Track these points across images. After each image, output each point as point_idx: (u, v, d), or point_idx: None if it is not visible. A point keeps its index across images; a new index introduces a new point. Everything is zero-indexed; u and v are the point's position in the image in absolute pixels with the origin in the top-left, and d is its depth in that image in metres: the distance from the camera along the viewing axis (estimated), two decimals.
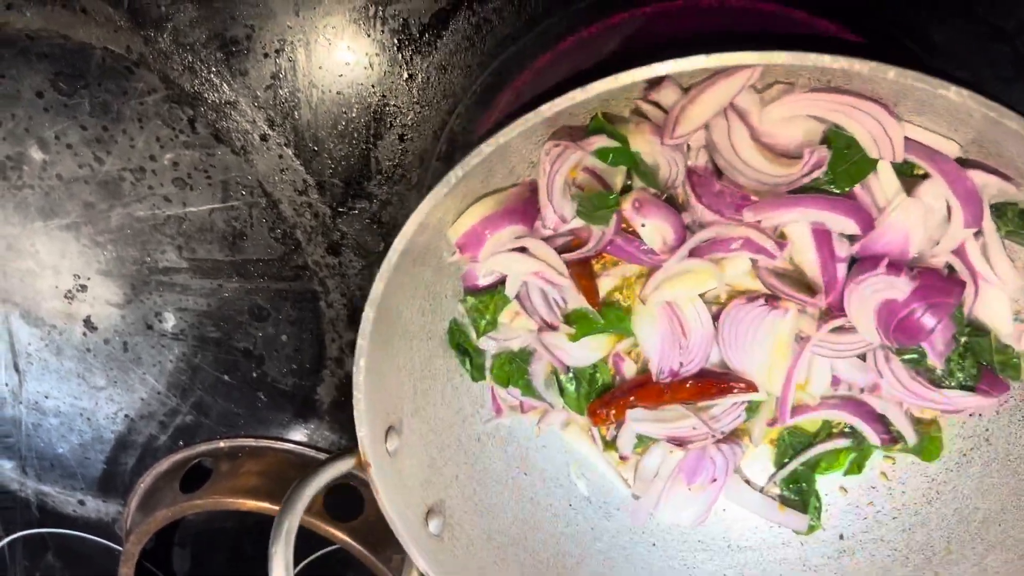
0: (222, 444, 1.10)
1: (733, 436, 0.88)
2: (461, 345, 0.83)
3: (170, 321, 1.03)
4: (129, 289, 1.01)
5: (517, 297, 0.81)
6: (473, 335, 0.83)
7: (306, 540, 1.15)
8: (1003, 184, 0.71)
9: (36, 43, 0.89)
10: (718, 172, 0.75)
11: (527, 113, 0.57)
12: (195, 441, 1.11)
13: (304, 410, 1.06)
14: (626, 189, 0.77)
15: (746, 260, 0.78)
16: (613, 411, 0.84)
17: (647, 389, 0.83)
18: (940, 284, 0.75)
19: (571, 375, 0.86)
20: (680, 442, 0.86)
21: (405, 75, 0.85)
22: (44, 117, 0.92)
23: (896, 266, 0.74)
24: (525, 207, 0.76)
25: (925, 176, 0.73)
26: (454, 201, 0.71)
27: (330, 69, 0.85)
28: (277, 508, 1.03)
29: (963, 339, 0.80)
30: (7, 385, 1.12)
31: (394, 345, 0.73)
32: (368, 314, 0.64)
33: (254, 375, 1.04)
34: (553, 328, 0.81)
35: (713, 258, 0.77)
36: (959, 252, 0.75)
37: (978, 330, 0.80)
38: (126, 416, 1.11)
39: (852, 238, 0.76)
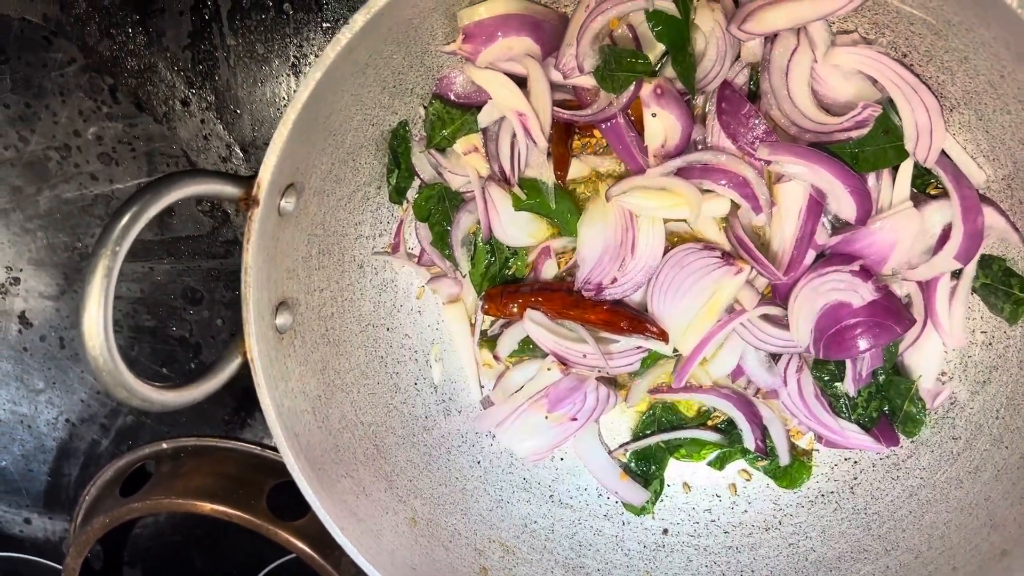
0: (165, 445, 1.04)
1: (612, 384, 0.82)
2: (397, 153, 0.77)
3: None
4: (62, 279, 0.97)
5: (484, 131, 0.75)
6: (415, 148, 0.77)
7: (257, 551, 1.08)
8: (1008, 232, 0.69)
9: None
10: (750, 97, 0.71)
11: None
12: (138, 443, 1.05)
13: (246, 403, 1.00)
14: None
15: (726, 204, 0.73)
16: (515, 304, 0.77)
17: (558, 295, 0.77)
18: (895, 309, 0.72)
19: (489, 246, 0.79)
20: (565, 363, 0.79)
21: (322, 22, 0.81)
22: None
23: (867, 272, 0.71)
24: (547, 33, 0.71)
25: (935, 197, 0.71)
26: None
27: (245, 22, 0.82)
28: (219, 508, 0.97)
29: (881, 377, 0.77)
30: None
31: (334, 108, 0.66)
32: (327, 54, 0.58)
33: (192, 366, 0.99)
34: (504, 183, 0.75)
35: (699, 186, 0.71)
36: (927, 286, 0.73)
37: (899, 374, 0.77)
38: (67, 421, 1.06)
39: (835, 228, 0.73)
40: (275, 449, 1.02)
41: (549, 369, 0.81)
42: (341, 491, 0.73)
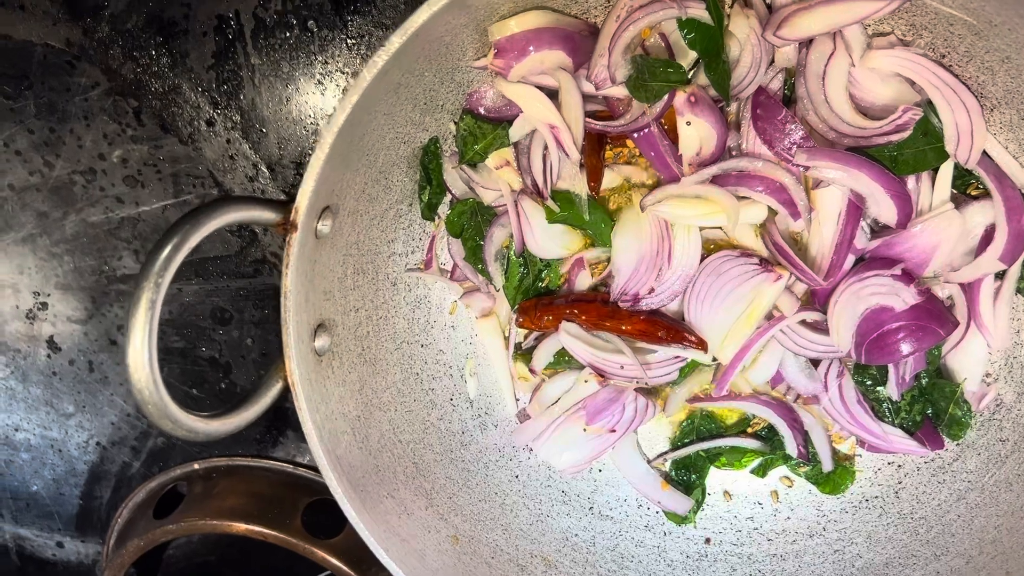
0: (196, 466, 1.04)
1: (651, 394, 0.81)
2: (428, 170, 0.76)
3: None
4: (90, 303, 0.97)
5: (516, 145, 0.75)
6: (446, 164, 0.76)
7: (291, 569, 1.08)
8: None
9: None
10: (785, 102, 0.70)
11: None
12: (169, 465, 1.04)
13: (277, 421, 1.00)
14: None
15: (763, 210, 0.72)
16: (549, 316, 0.76)
17: (594, 307, 0.76)
18: (938, 312, 0.72)
19: (522, 259, 0.78)
20: (602, 375, 0.78)
21: (347, 39, 0.81)
22: None
23: (909, 275, 0.70)
24: (579, 44, 0.70)
25: (976, 198, 0.70)
26: None
27: (269, 41, 0.82)
28: (254, 529, 0.96)
29: (923, 380, 0.76)
30: None
31: (367, 128, 0.66)
32: (364, 76, 0.57)
33: (223, 385, 0.99)
34: (538, 196, 0.74)
35: (735, 193, 0.71)
36: (970, 288, 0.73)
37: (943, 377, 0.76)
38: (97, 444, 1.05)
39: (874, 232, 0.72)
40: (308, 467, 1.02)
41: (586, 381, 0.80)
42: (384, 512, 0.72)
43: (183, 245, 0.56)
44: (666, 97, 0.69)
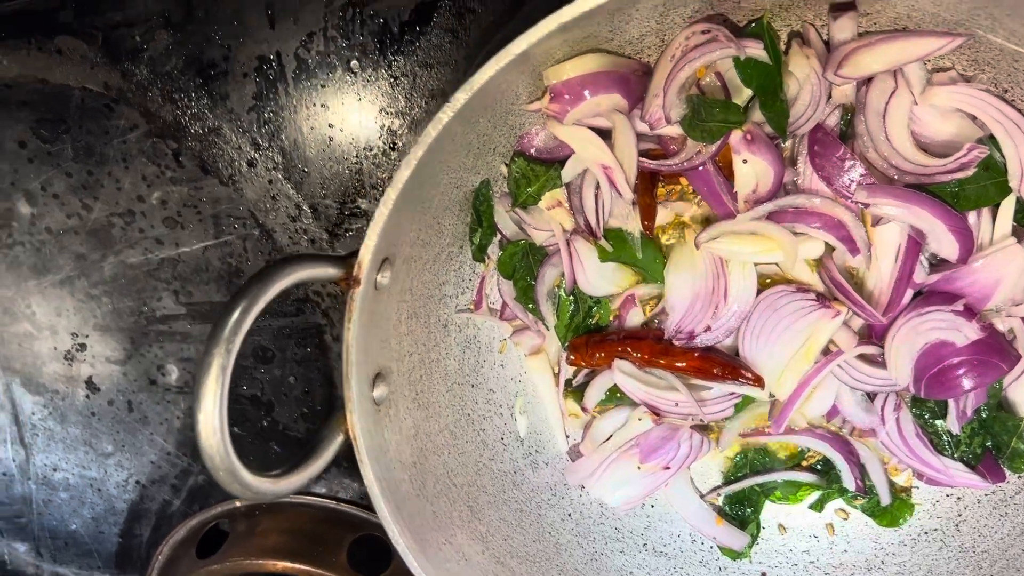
0: (238, 504, 1.03)
1: (704, 429, 0.81)
2: (480, 212, 0.76)
3: (173, 374, 0.97)
4: (128, 343, 0.96)
5: (567, 185, 0.74)
6: (497, 205, 0.76)
7: None
8: None
9: (14, 91, 0.86)
10: (841, 137, 0.70)
11: None
12: (210, 503, 1.04)
13: None
14: None
15: (820, 246, 0.71)
16: (601, 353, 0.76)
17: (645, 343, 0.75)
18: (1000, 346, 0.71)
19: (572, 296, 0.78)
20: (657, 413, 0.78)
21: (390, 78, 0.80)
22: (28, 168, 0.89)
23: (971, 311, 0.69)
24: (634, 85, 0.69)
25: None
26: (566, 40, 0.63)
27: (312, 82, 0.81)
28: (299, 567, 0.96)
29: (984, 413, 0.75)
30: (14, 461, 1.06)
31: (425, 178, 0.65)
32: (428, 133, 0.57)
33: (264, 423, 0.98)
34: (591, 236, 0.74)
35: (792, 229, 0.70)
36: None
37: (1004, 409, 0.75)
38: (137, 482, 1.05)
39: (933, 266, 0.71)
40: (350, 502, 1.02)
41: (640, 419, 0.79)
42: (443, 560, 0.71)
43: (251, 309, 0.55)
44: (722, 137, 0.68)
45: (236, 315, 0.55)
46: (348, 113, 0.82)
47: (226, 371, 0.54)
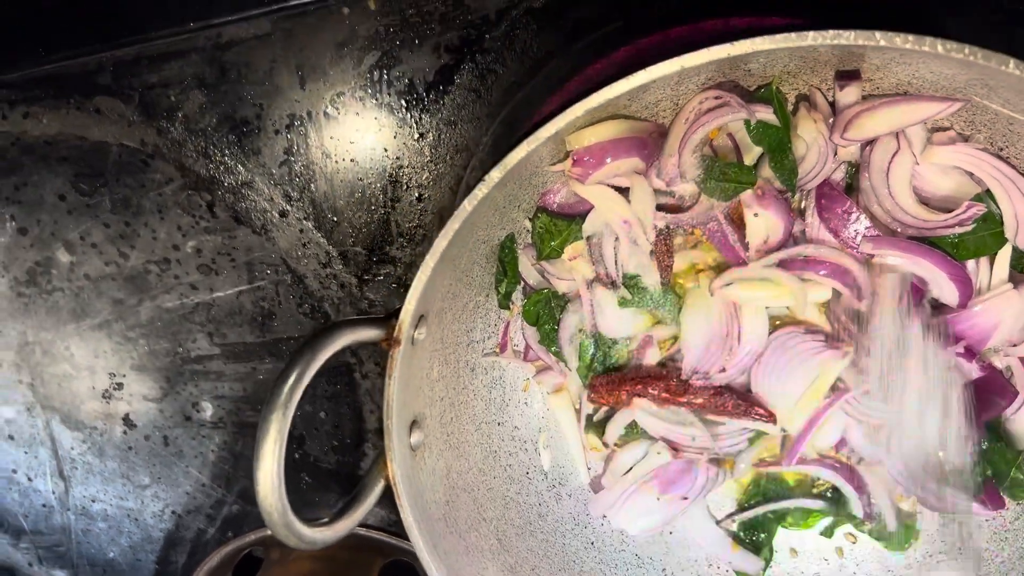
0: (270, 531, 1.07)
1: (719, 461, 0.85)
2: (505, 263, 0.80)
3: (208, 410, 1.01)
4: (164, 382, 1.01)
5: (588, 238, 0.78)
6: (521, 257, 0.80)
7: None
8: None
9: (55, 148, 0.90)
10: (847, 189, 0.74)
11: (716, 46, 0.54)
12: (243, 531, 1.08)
13: (350, 488, 1.03)
14: None
15: (827, 291, 0.75)
16: (622, 393, 0.80)
17: (665, 383, 0.80)
18: (998, 384, 0.75)
19: (592, 339, 0.82)
20: (676, 448, 0.82)
21: (416, 135, 0.84)
22: (68, 219, 0.93)
23: (971, 352, 0.73)
24: (651, 147, 0.73)
25: None
26: (588, 111, 0.64)
27: (341, 138, 0.85)
28: None
29: (984, 445, 0.78)
30: (54, 493, 1.11)
31: (456, 240, 0.67)
32: (464, 208, 0.61)
33: (296, 456, 1.02)
34: (610, 285, 0.78)
35: (801, 276, 0.74)
36: None
37: (1003, 441, 0.78)
38: (173, 512, 1.09)
39: (935, 309, 0.75)
40: (379, 528, 1.06)
41: (659, 453, 0.84)
42: None
43: (304, 375, 0.59)
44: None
45: (291, 381, 0.59)
46: (376, 167, 0.86)
47: (283, 434, 0.59)
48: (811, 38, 0.53)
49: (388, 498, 1.02)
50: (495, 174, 0.60)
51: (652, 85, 0.67)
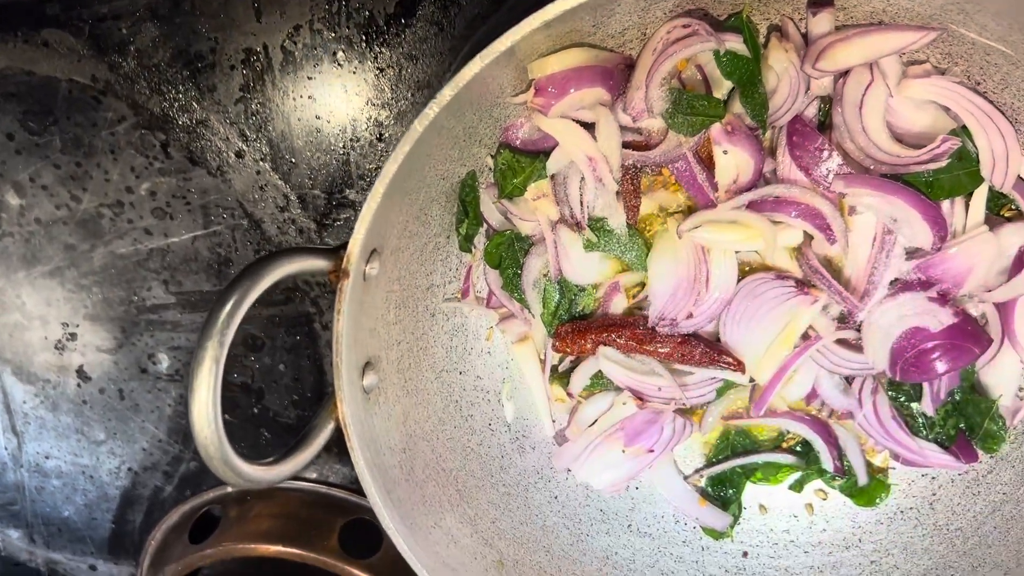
0: (230, 489, 1.04)
1: (687, 413, 0.83)
2: (466, 203, 0.77)
3: (164, 362, 0.98)
4: (119, 332, 0.97)
5: (553, 177, 0.75)
6: (483, 196, 0.77)
7: None
8: None
9: (1, 83, 0.86)
10: (819, 127, 0.71)
11: None
12: (202, 489, 1.05)
13: None
14: None
15: (799, 234, 0.73)
16: (586, 342, 0.78)
17: (629, 331, 0.77)
18: (973, 331, 0.73)
19: (557, 285, 0.79)
20: (641, 398, 0.80)
21: (376, 70, 0.81)
22: (17, 160, 0.90)
23: (945, 297, 0.71)
24: (616, 79, 0.70)
25: (1010, 219, 0.71)
26: (550, 35, 0.63)
27: (298, 74, 0.82)
28: (290, 551, 0.98)
29: (957, 396, 0.77)
30: (6, 449, 1.07)
31: (411, 171, 0.66)
32: (415, 128, 0.58)
33: (255, 411, 0.99)
34: (576, 227, 0.75)
35: (771, 218, 0.72)
36: (1003, 306, 0.73)
37: (977, 392, 0.77)
38: (129, 469, 1.06)
39: (909, 253, 0.73)
40: (341, 487, 1.03)
41: (624, 404, 0.81)
42: (433, 543, 0.73)
43: (243, 302, 0.56)
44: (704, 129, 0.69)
45: (228, 308, 0.56)
46: (335, 104, 0.83)
47: (219, 363, 0.56)
48: None
49: (346, 450, 1.00)
50: (447, 92, 0.57)
51: (617, 8, 0.64)
